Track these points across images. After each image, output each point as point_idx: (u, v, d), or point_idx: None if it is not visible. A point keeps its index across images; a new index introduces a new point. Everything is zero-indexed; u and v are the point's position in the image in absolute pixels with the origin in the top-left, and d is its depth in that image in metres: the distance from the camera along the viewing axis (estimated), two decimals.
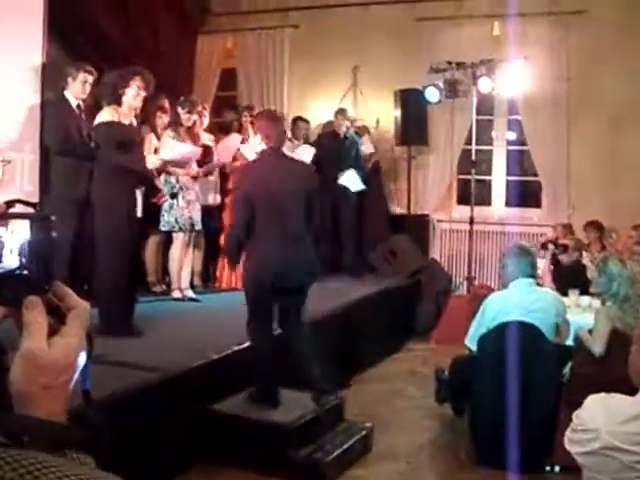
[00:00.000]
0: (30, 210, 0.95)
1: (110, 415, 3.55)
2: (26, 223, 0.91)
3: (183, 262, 6.60)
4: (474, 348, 4.53)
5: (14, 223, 0.91)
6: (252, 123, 6.93)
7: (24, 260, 0.90)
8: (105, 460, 0.93)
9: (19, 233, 0.91)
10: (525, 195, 9.00)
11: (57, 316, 0.90)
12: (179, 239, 6.54)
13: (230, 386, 4.56)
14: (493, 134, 9.00)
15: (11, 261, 0.90)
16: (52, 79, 5.81)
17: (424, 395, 5.54)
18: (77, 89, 5.68)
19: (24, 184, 5.53)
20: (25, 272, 0.90)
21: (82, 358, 0.90)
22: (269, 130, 4.52)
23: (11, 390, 0.85)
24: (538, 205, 8.90)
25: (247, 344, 4.90)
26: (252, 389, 4.63)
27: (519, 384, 4.12)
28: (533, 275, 4.65)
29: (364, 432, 4.59)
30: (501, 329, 4.32)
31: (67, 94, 5.72)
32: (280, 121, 4.79)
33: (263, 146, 4.68)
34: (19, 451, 0.71)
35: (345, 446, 4.36)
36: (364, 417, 5.04)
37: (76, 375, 0.90)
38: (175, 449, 4.14)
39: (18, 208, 0.99)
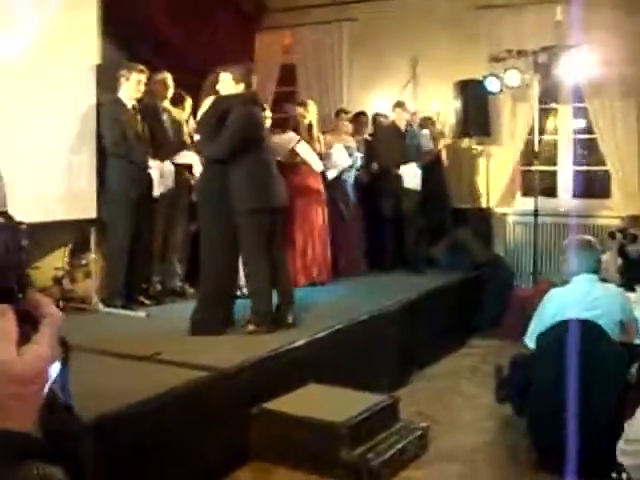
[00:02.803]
0: None
1: (165, 411, 3.63)
2: None
3: None
4: (533, 346, 4.38)
5: None
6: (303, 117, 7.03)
7: None
8: (85, 471, 0.92)
9: None
10: (593, 185, 8.71)
11: (31, 324, 0.87)
12: None
13: (283, 384, 4.52)
14: (557, 123, 8.74)
15: None
16: (108, 80, 5.89)
17: (484, 394, 5.38)
18: (131, 89, 5.75)
19: (81, 184, 5.61)
20: None
21: (54, 366, 0.88)
22: (245, 77, 5.22)
23: None
24: (607, 196, 8.59)
25: (302, 341, 4.90)
26: (249, 321, 5.12)
27: (581, 384, 3.94)
28: (597, 271, 4.45)
29: (419, 432, 4.48)
30: (561, 327, 4.14)
31: (121, 95, 5.79)
32: (252, 71, 5.45)
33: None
34: None
35: (399, 446, 4.26)
36: (421, 416, 4.94)
37: (49, 383, 0.87)
38: (229, 446, 4.14)
39: None
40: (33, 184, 5.20)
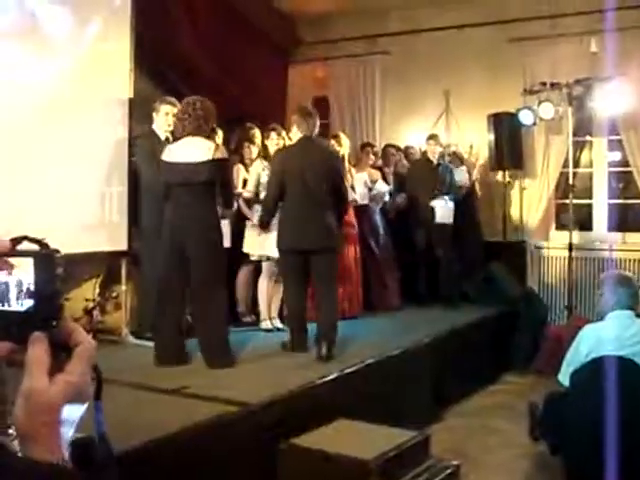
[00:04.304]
0: (35, 247, 0.94)
1: (191, 446, 3.59)
2: (30, 261, 0.91)
3: (272, 292, 6.56)
4: (567, 384, 4.26)
5: (19, 261, 0.91)
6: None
7: (30, 297, 0.90)
8: None
9: (24, 270, 0.91)
10: (629, 219, 8.56)
11: (65, 352, 0.90)
12: (267, 269, 6.51)
13: (312, 419, 4.45)
14: (593, 156, 8.63)
15: (17, 298, 0.91)
16: (142, 113, 5.95)
17: (518, 431, 5.26)
18: (161, 122, 5.81)
19: (113, 216, 5.65)
20: (31, 309, 0.90)
21: (85, 395, 0.90)
22: (300, 122, 5.54)
23: (15, 428, 0.86)
24: None
25: (331, 376, 4.84)
26: (285, 340, 5.58)
27: (618, 425, 3.82)
28: (633, 307, 4.34)
29: (451, 470, 4.37)
30: (595, 364, 4.03)
31: (155, 128, 5.84)
32: (311, 115, 5.65)
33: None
34: None
35: None
36: (453, 454, 4.82)
37: (81, 412, 0.90)
38: None
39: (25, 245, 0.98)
40: (65, 215, 5.25)
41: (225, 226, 5.53)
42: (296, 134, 5.62)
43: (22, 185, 4.95)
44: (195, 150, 5.00)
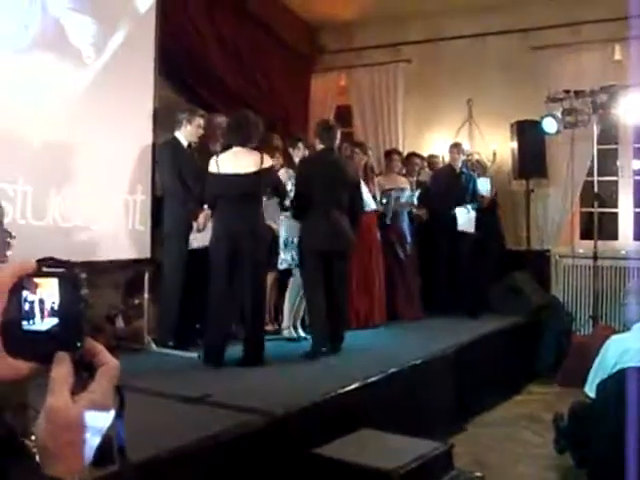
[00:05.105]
0: (60, 268, 0.94)
1: (213, 455, 3.58)
2: (55, 281, 0.91)
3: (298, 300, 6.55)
4: (593, 396, 4.20)
5: (44, 281, 0.91)
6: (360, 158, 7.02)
7: (53, 316, 0.91)
8: None
9: (47, 289, 0.91)
10: None
11: (89, 372, 0.91)
12: (296, 277, 6.49)
13: (335, 429, 4.43)
14: (618, 164, 8.55)
15: (41, 317, 0.91)
16: (165, 121, 5.97)
17: (543, 443, 5.20)
18: (191, 132, 5.85)
19: (136, 224, 5.66)
20: (56, 329, 0.91)
21: (108, 415, 0.90)
22: (322, 135, 6.00)
23: (37, 446, 0.87)
24: None
25: (354, 386, 4.81)
26: (308, 351, 5.66)
27: None
28: None
29: None
30: (621, 376, 3.98)
31: (178, 135, 5.85)
32: (332, 128, 6.11)
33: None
34: None
35: None
36: (476, 465, 4.78)
37: (102, 432, 0.90)
38: None
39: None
40: (89, 223, 5.27)
41: None
42: (319, 146, 6.07)
43: (47, 194, 4.97)
44: (244, 162, 5.27)
